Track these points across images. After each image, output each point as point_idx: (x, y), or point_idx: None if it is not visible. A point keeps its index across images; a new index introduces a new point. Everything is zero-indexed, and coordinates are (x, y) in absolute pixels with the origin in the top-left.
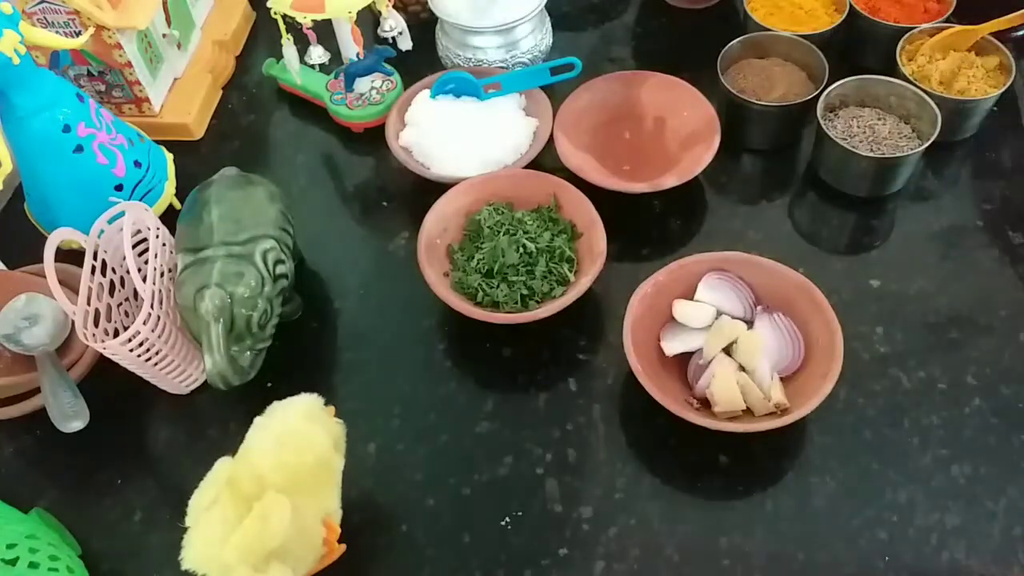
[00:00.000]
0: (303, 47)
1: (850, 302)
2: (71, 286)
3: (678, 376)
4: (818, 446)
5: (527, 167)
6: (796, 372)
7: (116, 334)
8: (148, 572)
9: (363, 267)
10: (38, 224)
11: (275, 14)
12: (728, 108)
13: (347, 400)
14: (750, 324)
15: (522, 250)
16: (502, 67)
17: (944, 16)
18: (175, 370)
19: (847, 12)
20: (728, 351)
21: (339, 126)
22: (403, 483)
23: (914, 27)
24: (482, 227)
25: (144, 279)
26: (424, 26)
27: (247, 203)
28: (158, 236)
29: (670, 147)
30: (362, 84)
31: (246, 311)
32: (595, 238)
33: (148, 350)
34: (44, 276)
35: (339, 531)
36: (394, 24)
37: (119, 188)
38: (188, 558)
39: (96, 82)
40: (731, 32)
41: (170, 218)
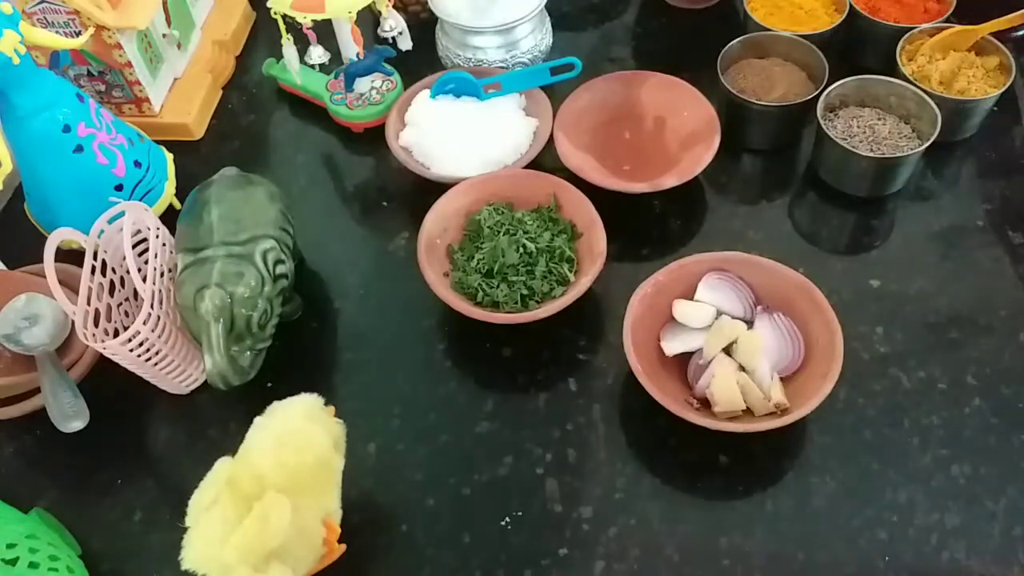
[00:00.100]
0: (303, 47)
1: (850, 302)
2: (71, 286)
3: (678, 376)
4: (818, 446)
5: (527, 167)
6: (796, 372)
7: (116, 334)
8: (148, 572)
9: (363, 267)
10: (38, 224)
11: (275, 14)
12: (728, 108)
13: (347, 400)
14: (750, 324)
15: (522, 250)
16: (502, 67)
17: (944, 16)
18: (175, 370)
19: (847, 12)
20: (728, 351)
21: (339, 126)
22: (403, 483)
23: (914, 27)
24: (482, 227)
25: (144, 279)
26: (424, 26)
27: (247, 203)
28: (158, 236)
29: (670, 147)
30: (362, 84)
31: (246, 311)
32: (595, 238)
33: (148, 350)
34: (44, 276)
35: (339, 531)
36: (394, 24)
37: (119, 188)
38: (188, 558)
39: (96, 82)
40: (731, 32)
41: (170, 218)
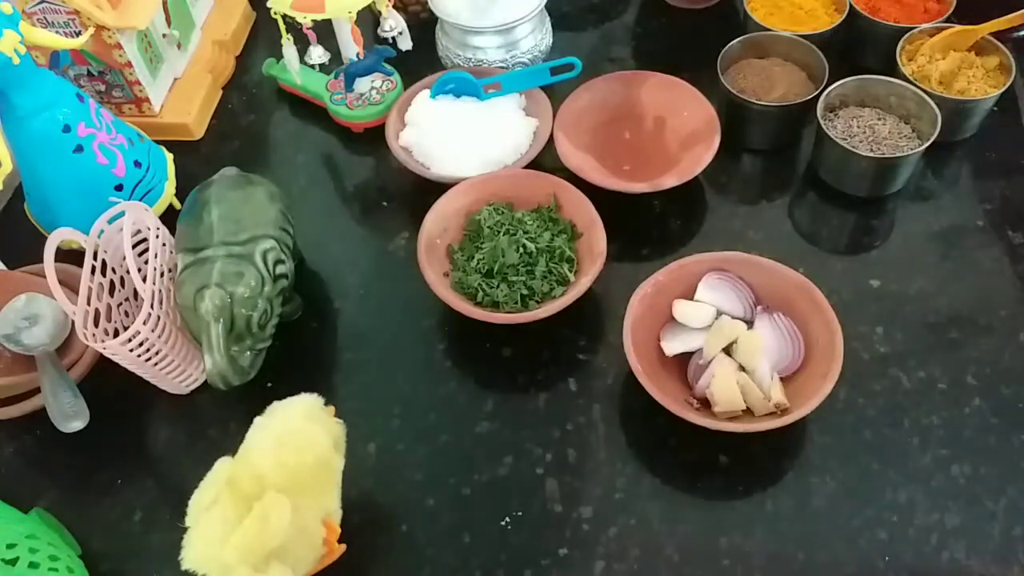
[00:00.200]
0: (303, 47)
1: (850, 302)
2: (71, 286)
3: (678, 376)
4: (818, 446)
5: (527, 167)
6: (796, 372)
7: (116, 334)
8: (148, 572)
9: (363, 267)
10: (38, 224)
11: (275, 14)
12: (728, 108)
13: (347, 400)
14: (750, 324)
15: (522, 250)
16: (502, 67)
17: (944, 16)
18: (175, 370)
19: (847, 12)
20: (728, 351)
21: (339, 126)
22: (403, 483)
23: (914, 27)
24: (482, 227)
25: (144, 279)
26: (424, 26)
27: (247, 203)
28: (158, 236)
29: (670, 147)
30: (362, 84)
31: (246, 311)
32: (595, 238)
33: (148, 350)
34: (44, 276)
35: (339, 531)
36: (394, 24)
37: (119, 188)
38: (188, 558)
39: (96, 82)
40: (731, 32)
41: (170, 218)
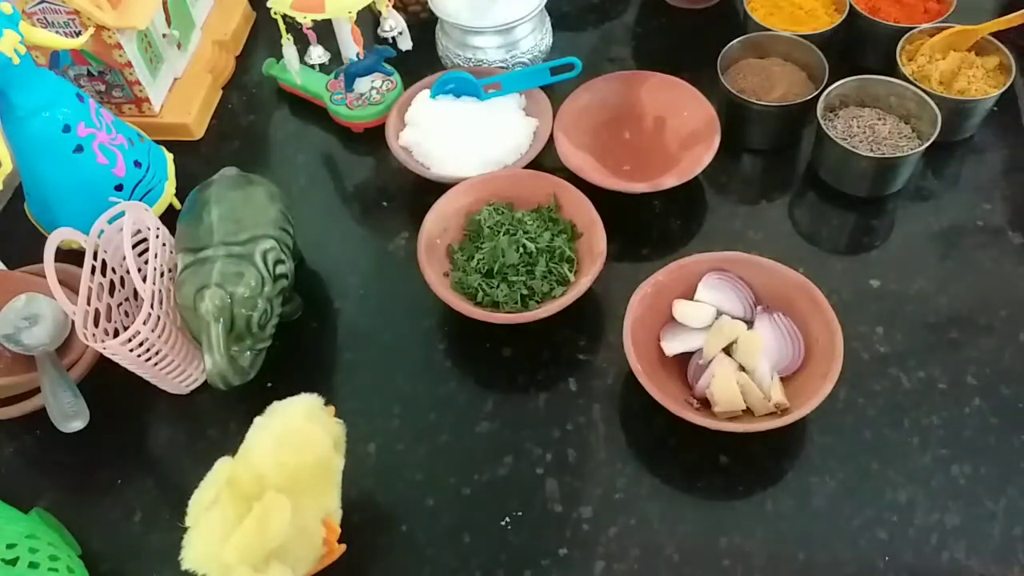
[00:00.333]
0: (303, 47)
1: (850, 302)
2: (71, 286)
3: (678, 376)
4: (818, 446)
5: (527, 167)
6: (796, 372)
7: (116, 334)
8: (148, 572)
9: (363, 267)
10: (38, 224)
11: (275, 14)
12: (728, 108)
13: (347, 400)
14: (750, 324)
15: (522, 250)
16: (502, 67)
17: (944, 16)
18: (175, 370)
19: (847, 12)
20: (728, 351)
21: (339, 126)
22: (403, 483)
23: (914, 27)
24: (482, 227)
25: (144, 279)
26: (424, 26)
27: (247, 203)
28: (158, 236)
29: (670, 147)
30: (362, 84)
31: (246, 311)
32: (595, 238)
33: (148, 350)
34: (44, 276)
35: (339, 531)
36: (394, 24)
37: (119, 188)
38: (188, 558)
39: (96, 82)
40: (731, 32)
41: (170, 218)
